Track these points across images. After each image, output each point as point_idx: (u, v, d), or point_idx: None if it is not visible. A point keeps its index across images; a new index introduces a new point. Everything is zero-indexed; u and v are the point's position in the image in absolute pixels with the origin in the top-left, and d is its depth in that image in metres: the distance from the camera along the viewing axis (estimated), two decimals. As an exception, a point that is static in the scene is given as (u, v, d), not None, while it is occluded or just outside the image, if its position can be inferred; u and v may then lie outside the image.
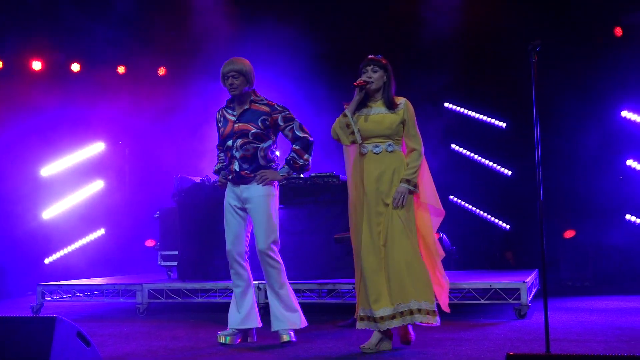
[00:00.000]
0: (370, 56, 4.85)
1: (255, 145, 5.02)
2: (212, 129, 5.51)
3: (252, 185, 5.02)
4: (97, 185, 10.31)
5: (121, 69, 10.20)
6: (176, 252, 7.56)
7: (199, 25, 9.75)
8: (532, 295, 6.41)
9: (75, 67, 10.05)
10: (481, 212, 9.42)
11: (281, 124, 5.07)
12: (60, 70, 10.01)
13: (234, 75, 4.99)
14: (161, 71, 10.29)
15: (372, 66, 4.80)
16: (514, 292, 6.01)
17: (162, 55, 10.18)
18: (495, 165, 9.35)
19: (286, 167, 5.10)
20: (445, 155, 9.44)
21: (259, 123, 5.02)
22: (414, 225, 4.70)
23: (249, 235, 5.15)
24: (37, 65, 9.88)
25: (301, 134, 5.10)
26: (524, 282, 6.00)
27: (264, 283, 5.53)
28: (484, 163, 9.43)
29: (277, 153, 5.34)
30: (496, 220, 9.33)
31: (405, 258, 4.62)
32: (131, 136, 10.24)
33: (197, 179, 7.69)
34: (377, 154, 4.76)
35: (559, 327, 5.47)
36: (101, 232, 10.28)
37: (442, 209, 4.86)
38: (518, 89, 8.51)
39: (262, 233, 4.97)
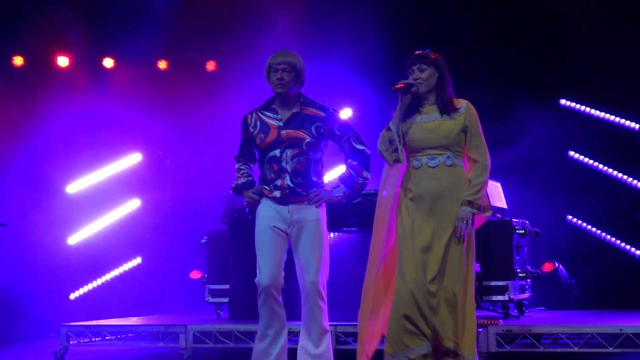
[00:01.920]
0: (416, 52, 4.97)
1: (309, 157, 5.08)
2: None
3: (304, 205, 5.07)
4: (132, 205, 10.44)
5: (162, 64, 10.34)
6: (227, 287, 7.53)
7: (258, 8, 9.79)
8: (675, 342, 6.18)
9: (108, 62, 10.24)
10: (608, 237, 9.29)
11: (337, 132, 5.13)
12: (90, 67, 10.20)
13: (286, 68, 5.02)
14: (210, 66, 10.36)
15: (418, 64, 4.90)
16: (652, 339, 5.86)
17: (211, 47, 10.23)
18: (625, 177, 9.22)
19: (343, 186, 5.15)
20: (561, 165, 9.38)
21: (313, 130, 5.07)
22: (472, 256, 4.86)
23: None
24: (63, 61, 10.11)
25: (359, 146, 5.15)
26: (664, 326, 5.85)
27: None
28: (611, 174, 9.30)
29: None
30: (627, 247, 9.19)
31: (454, 293, 4.78)
32: (173, 145, 10.32)
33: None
34: (433, 167, 4.87)
35: None
36: (137, 261, 10.41)
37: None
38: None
39: (315, 263, 5.01)
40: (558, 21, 9.03)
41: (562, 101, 9.50)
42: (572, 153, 9.47)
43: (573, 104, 9.48)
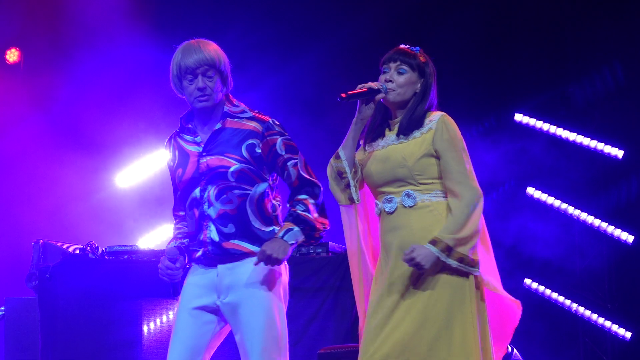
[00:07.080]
0: (401, 46, 4.94)
1: (242, 191, 4.96)
2: (112, 157, 5.41)
3: (242, 264, 4.94)
4: None
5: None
6: (33, 383, 7.56)
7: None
8: None
9: None
10: (580, 310, 9.40)
11: (281, 152, 5.03)
12: None
13: (206, 71, 4.90)
14: (12, 56, 10.43)
15: (399, 62, 4.88)
16: None
17: (14, 31, 10.37)
18: (604, 225, 9.36)
19: (296, 228, 4.91)
20: (515, 205, 9.62)
21: (244, 152, 4.97)
22: (474, 337, 4.71)
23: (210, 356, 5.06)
24: None
25: (308, 176, 5.02)
26: None
27: None
28: (584, 221, 9.45)
29: (278, 201, 5.17)
30: (608, 325, 9.28)
31: None
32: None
33: (75, 248, 7.74)
34: (390, 213, 4.86)
35: None
36: None
37: (512, 299, 4.97)
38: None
39: (258, 353, 4.89)
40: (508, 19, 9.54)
41: (517, 117, 9.81)
42: (530, 190, 9.75)
43: (531, 122, 9.77)
